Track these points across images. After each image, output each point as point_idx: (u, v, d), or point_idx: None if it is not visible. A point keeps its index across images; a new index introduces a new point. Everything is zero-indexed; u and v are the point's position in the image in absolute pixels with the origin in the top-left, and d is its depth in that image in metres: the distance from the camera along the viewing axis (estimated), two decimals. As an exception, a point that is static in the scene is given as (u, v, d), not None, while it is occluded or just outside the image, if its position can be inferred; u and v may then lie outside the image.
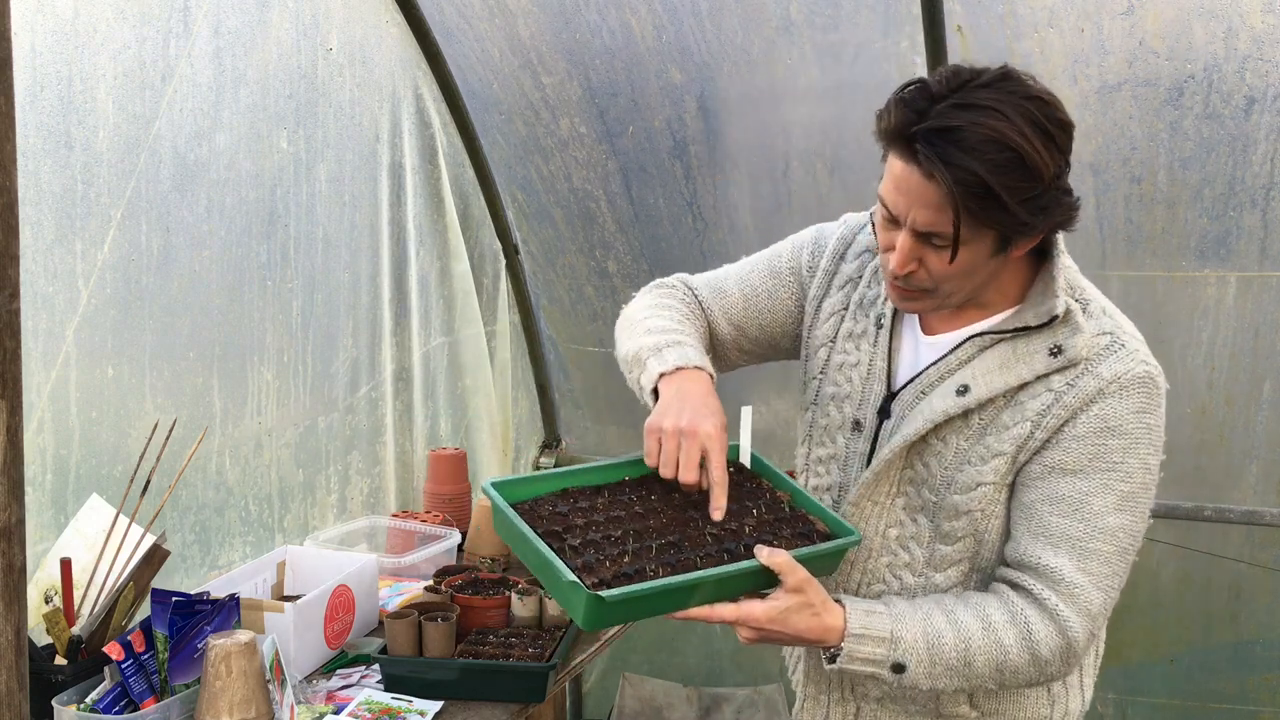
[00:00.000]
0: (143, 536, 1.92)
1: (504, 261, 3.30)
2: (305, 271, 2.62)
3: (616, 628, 2.26)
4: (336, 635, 2.10)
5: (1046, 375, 1.48)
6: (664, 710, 3.45)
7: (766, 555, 1.41)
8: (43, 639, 1.81)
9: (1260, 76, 2.42)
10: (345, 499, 2.78)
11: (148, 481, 1.95)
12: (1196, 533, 2.91)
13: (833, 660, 1.46)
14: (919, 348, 1.60)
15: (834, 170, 2.88)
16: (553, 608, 2.10)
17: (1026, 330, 1.49)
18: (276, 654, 1.77)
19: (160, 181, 2.23)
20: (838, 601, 1.47)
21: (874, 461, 1.57)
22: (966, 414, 1.51)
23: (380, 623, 2.25)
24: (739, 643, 1.47)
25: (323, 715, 1.86)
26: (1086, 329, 1.47)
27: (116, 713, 1.69)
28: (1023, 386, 1.49)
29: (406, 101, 2.92)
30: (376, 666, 2.04)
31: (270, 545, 2.51)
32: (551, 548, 1.40)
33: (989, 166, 1.32)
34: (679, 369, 1.55)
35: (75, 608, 1.87)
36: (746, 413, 1.60)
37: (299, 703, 1.87)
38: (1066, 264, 1.52)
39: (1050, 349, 1.47)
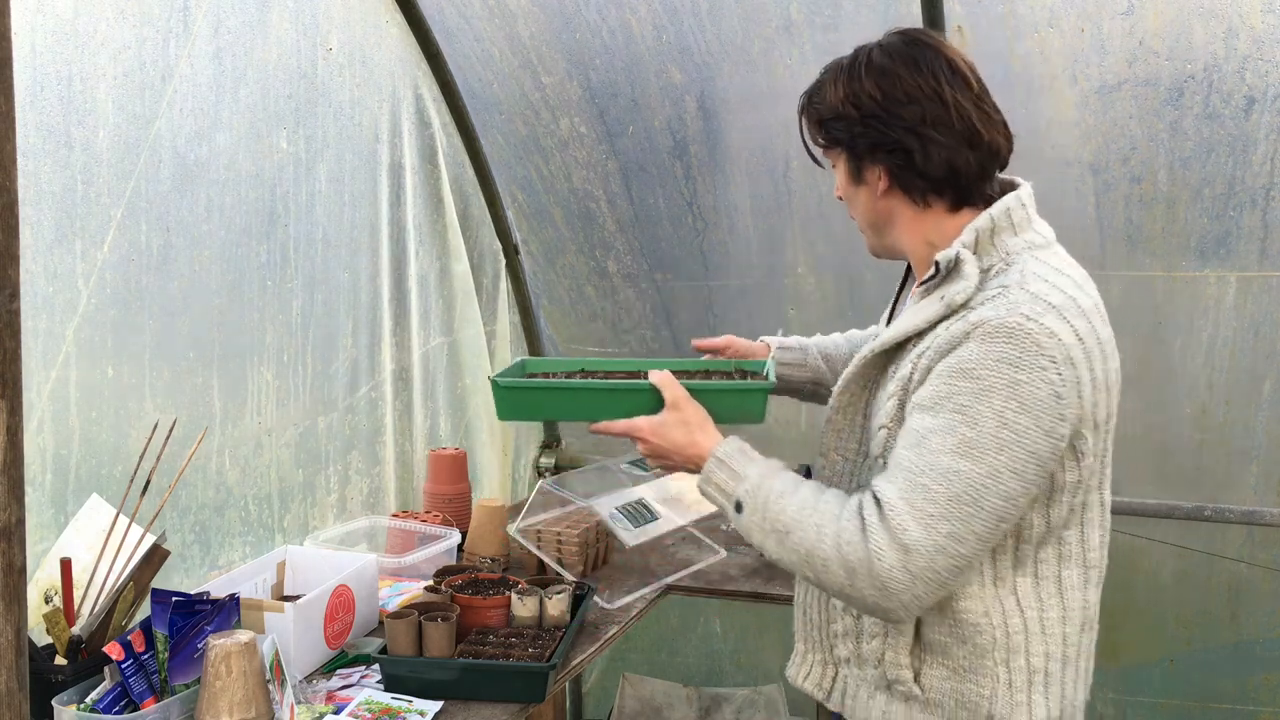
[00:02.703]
0: (143, 536, 1.92)
1: (504, 261, 3.30)
2: (305, 271, 2.62)
3: (616, 627, 2.27)
4: (336, 635, 2.10)
5: (941, 322, 1.53)
6: (664, 710, 3.45)
7: (654, 375, 1.69)
8: (43, 639, 1.80)
9: (1260, 76, 2.42)
10: (345, 499, 2.78)
11: (148, 481, 1.95)
12: (1196, 533, 2.91)
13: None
14: (904, 308, 1.72)
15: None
16: (553, 608, 2.10)
17: (934, 280, 1.57)
18: (276, 654, 1.77)
19: (160, 181, 2.23)
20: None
21: (828, 411, 1.71)
22: (887, 366, 1.60)
23: (380, 623, 2.25)
24: (739, 642, 1.50)
25: (323, 715, 1.86)
26: (971, 278, 1.50)
27: (116, 713, 1.69)
28: (922, 335, 1.55)
29: (406, 101, 2.92)
30: (376, 666, 2.04)
31: (270, 545, 2.51)
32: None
33: (806, 93, 1.69)
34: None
35: (75, 608, 1.87)
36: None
37: (299, 703, 1.87)
38: (1010, 228, 1.56)
39: (941, 295, 1.54)
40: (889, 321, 1.77)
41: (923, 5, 2.49)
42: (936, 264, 1.54)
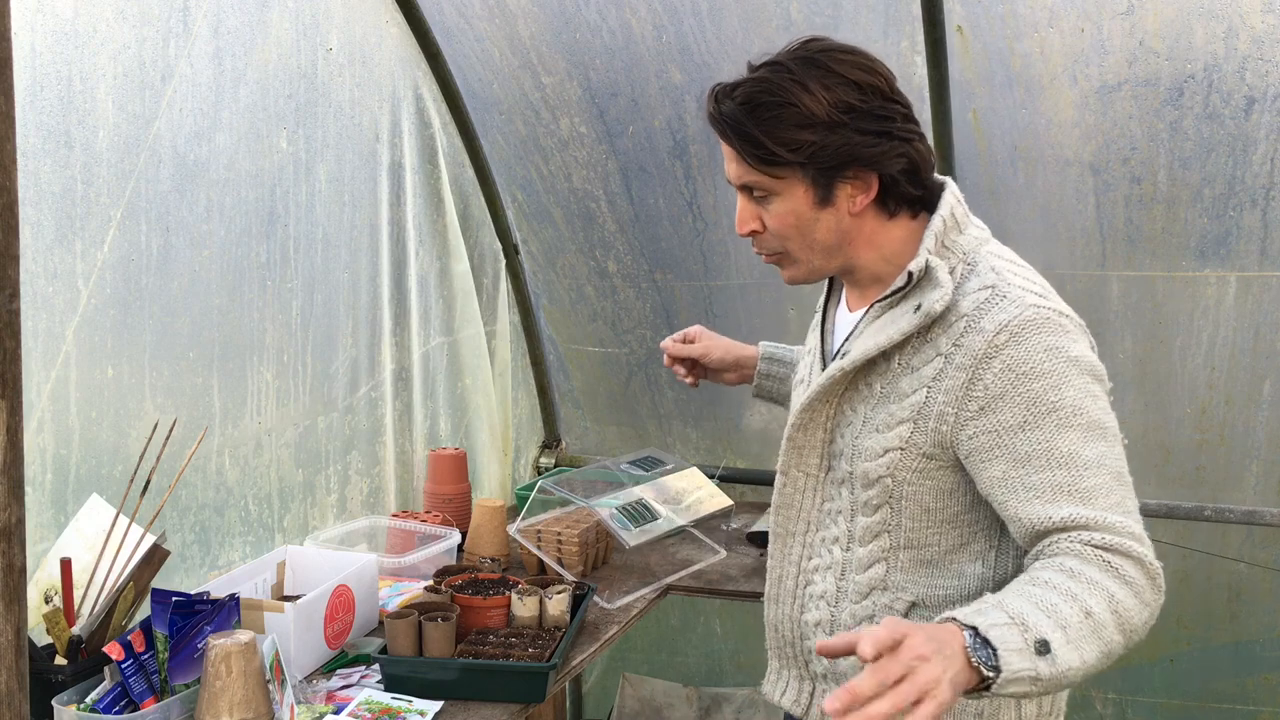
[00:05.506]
0: (143, 536, 1.92)
1: (504, 261, 3.30)
2: (305, 271, 2.62)
3: (616, 627, 2.27)
4: (336, 635, 2.10)
5: (927, 336, 1.51)
6: (664, 710, 3.45)
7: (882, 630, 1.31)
8: (43, 639, 1.80)
9: (1260, 76, 2.42)
10: (345, 499, 2.78)
11: (148, 481, 1.95)
12: (1196, 533, 2.91)
13: (985, 686, 1.24)
14: (840, 324, 1.70)
15: (834, 170, 2.87)
16: (553, 608, 2.10)
17: (901, 292, 1.53)
18: (276, 654, 1.77)
19: (160, 181, 2.23)
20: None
21: (788, 429, 1.66)
22: (870, 383, 1.57)
23: (380, 623, 2.25)
24: (739, 642, 1.48)
25: (323, 715, 1.87)
26: (947, 285, 1.48)
27: (116, 713, 1.69)
28: (911, 351, 1.52)
29: (406, 101, 2.92)
30: (376, 666, 2.04)
31: (270, 545, 2.51)
32: None
33: (745, 109, 1.49)
34: None
35: (75, 608, 1.87)
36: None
37: (299, 703, 1.87)
38: (956, 226, 1.56)
39: (915, 307, 1.51)
40: (822, 338, 1.74)
41: (923, 5, 2.49)
42: (910, 274, 1.51)
